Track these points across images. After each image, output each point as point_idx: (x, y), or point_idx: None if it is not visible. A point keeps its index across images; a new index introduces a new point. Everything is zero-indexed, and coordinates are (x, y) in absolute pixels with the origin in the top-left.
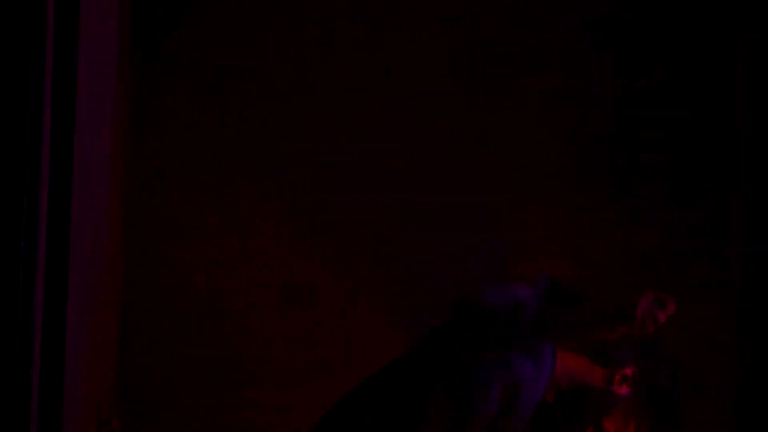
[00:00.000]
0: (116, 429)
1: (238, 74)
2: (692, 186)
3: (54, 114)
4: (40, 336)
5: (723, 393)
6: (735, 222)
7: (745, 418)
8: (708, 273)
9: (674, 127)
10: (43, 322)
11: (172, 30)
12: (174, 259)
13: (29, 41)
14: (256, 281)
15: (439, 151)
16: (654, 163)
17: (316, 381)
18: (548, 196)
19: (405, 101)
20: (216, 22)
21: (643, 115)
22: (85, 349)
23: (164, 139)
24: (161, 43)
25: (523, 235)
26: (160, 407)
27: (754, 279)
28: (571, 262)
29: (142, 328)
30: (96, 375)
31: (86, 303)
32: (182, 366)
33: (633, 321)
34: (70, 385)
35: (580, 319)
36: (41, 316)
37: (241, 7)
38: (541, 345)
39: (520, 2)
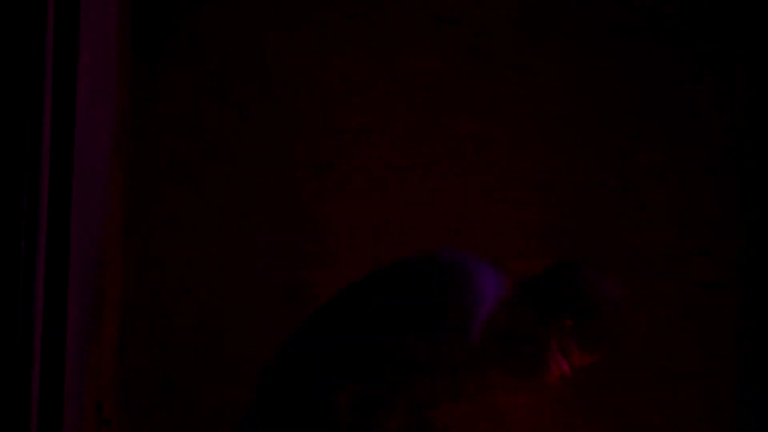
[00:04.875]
0: (116, 429)
1: (238, 74)
2: (692, 186)
3: (54, 114)
4: (40, 336)
5: (723, 393)
6: (735, 222)
7: (746, 418)
8: (708, 273)
9: (675, 127)
10: (43, 323)
11: (172, 30)
12: (174, 259)
13: (29, 41)
14: (256, 281)
15: (439, 151)
16: (654, 162)
17: None
18: (549, 196)
19: (405, 101)
20: (216, 22)
21: (644, 114)
22: (85, 348)
23: (164, 139)
24: (161, 43)
25: (523, 235)
26: (160, 407)
27: (754, 279)
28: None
29: (142, 328)
30: (96, 375)
31: (86, 303)
32: (182, 366)
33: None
34: (70, 385)
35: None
36: (41, 316)
37: (242, 6)
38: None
39: (521, 3)
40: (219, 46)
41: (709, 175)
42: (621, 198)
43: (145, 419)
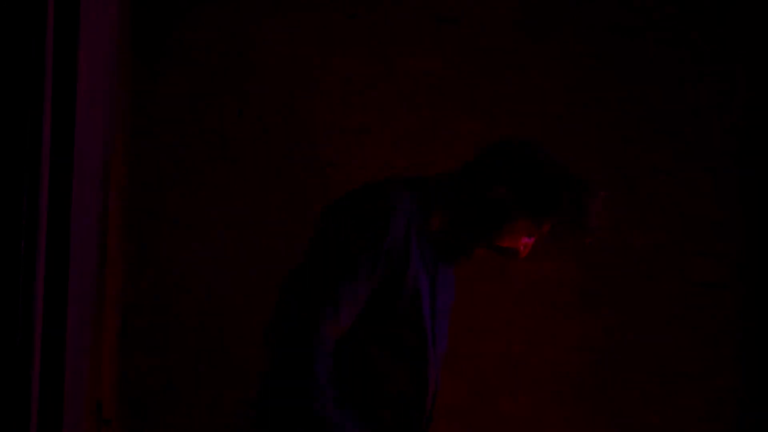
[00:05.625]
0: (116, 429)
1: (238, 74)
2: (692, 186)
3: (54, 114)
4: (40, 336)
5: (723, 393)
6: (735, 222)
7: (746, 418)
8: (708, 273)
9: (675, 127)
10: (43, 323)
11: (172, 30)
12: (174, 259)
13: (29, 41)
14: (256, 281)
15: (439, 151)
16: (654, 162)
17: None
18: None
19: (405, 101)
20: (216, 22)
21: (644, 114)
22: (85, 348)
23: (164, 139)
24: (161, 43)
25: None
26: (160, 407)
27: (754, 279)
28: (572, 263)
29: (142, 328)
30: (96, 375)
31: (86, 302)
32: (182, 366)
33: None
34: (70, 385)
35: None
36: (41, 316)
37: (241, 7)
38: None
39: (521, 3)
40: (219, 46)
41: (709, 175)
42: (621, 198)
43: (145, 419)
